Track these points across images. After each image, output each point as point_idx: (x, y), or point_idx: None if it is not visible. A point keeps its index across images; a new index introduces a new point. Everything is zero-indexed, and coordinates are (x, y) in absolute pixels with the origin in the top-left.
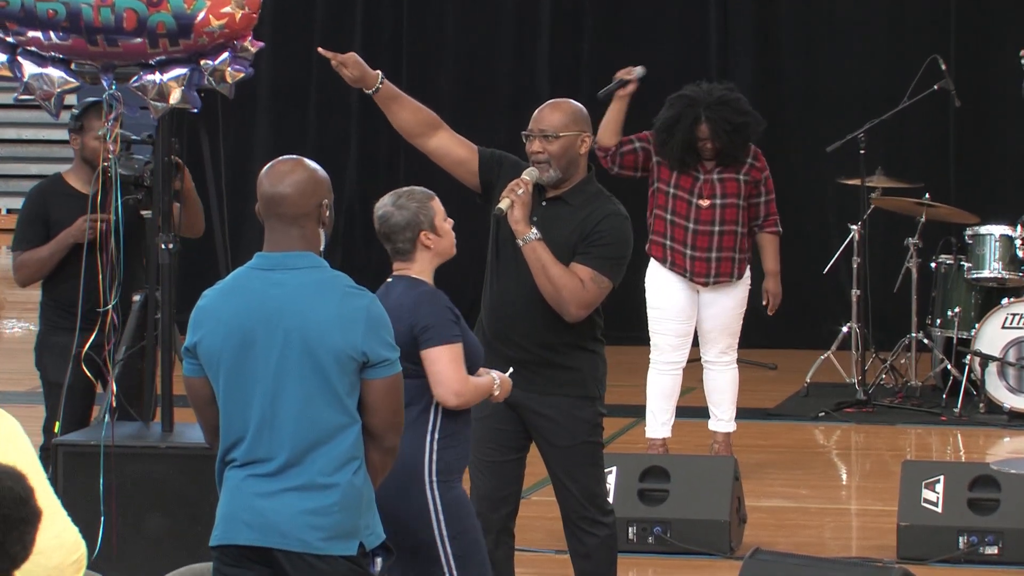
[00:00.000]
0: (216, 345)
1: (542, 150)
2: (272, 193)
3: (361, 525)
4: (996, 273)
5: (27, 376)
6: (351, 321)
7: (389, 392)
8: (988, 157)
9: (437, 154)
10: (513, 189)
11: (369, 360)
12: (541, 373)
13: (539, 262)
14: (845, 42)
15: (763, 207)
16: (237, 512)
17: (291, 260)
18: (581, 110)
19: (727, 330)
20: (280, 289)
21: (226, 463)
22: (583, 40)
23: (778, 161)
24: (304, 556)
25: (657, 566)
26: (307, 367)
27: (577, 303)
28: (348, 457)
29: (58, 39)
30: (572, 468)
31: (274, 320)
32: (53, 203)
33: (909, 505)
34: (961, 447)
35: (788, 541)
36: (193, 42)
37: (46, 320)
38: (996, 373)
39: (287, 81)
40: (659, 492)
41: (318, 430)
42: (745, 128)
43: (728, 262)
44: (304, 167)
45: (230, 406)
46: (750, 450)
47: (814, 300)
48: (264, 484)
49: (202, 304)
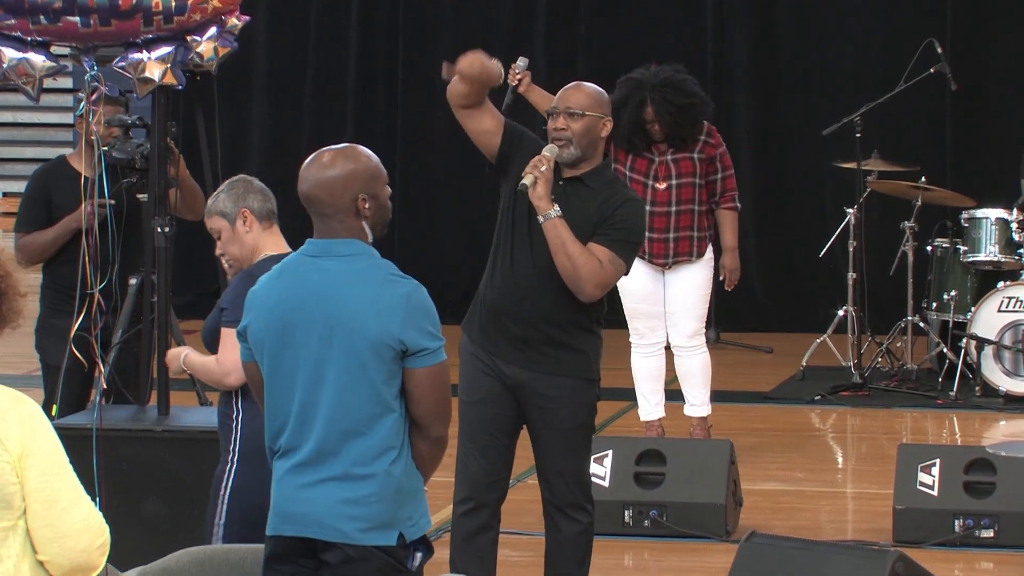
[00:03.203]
0: (260, 331)
1: (566, 127)
2: (301, 191)
3: (402, 516)
4: (992, 256)
5: (24, 359)
6: (389, 308)
7: (432, 381)
8: (984, 140)
9: (469, 121)
10: (536, 165)
11: (408, 349)
12: (546, 352)
13: (559, 239)
14: (841, 25)
15: (720, 183)
16: (281, 504)
17: (337, 247)
18: (604, 94)
19: (692, 311)
20: (322, 275)
21: (272, 452)
22: (580, 22)
23: (773, 144)
24: (342, 546)
25: (653, 549)
26: (344, 354)
27: (595, 282)
28: (385, 446)
29: (47, 22)
30: (566, 451)
31: (313, 306)
32: (56, 185)
33: (905, 488)
34: (957, 430)
35: (784, 524)
36: (187, 18)
37: (46, 303)
38: (992, 356)
39: (284, 64)
40: (655, 475)
41: (354, 419)
42: (691, 109)
43: (686, 241)
44: (337, 164)
45: (272, 393)
46: (746, 433)
47: (810, 283)
48: (303, 474)
49: (255, 288)
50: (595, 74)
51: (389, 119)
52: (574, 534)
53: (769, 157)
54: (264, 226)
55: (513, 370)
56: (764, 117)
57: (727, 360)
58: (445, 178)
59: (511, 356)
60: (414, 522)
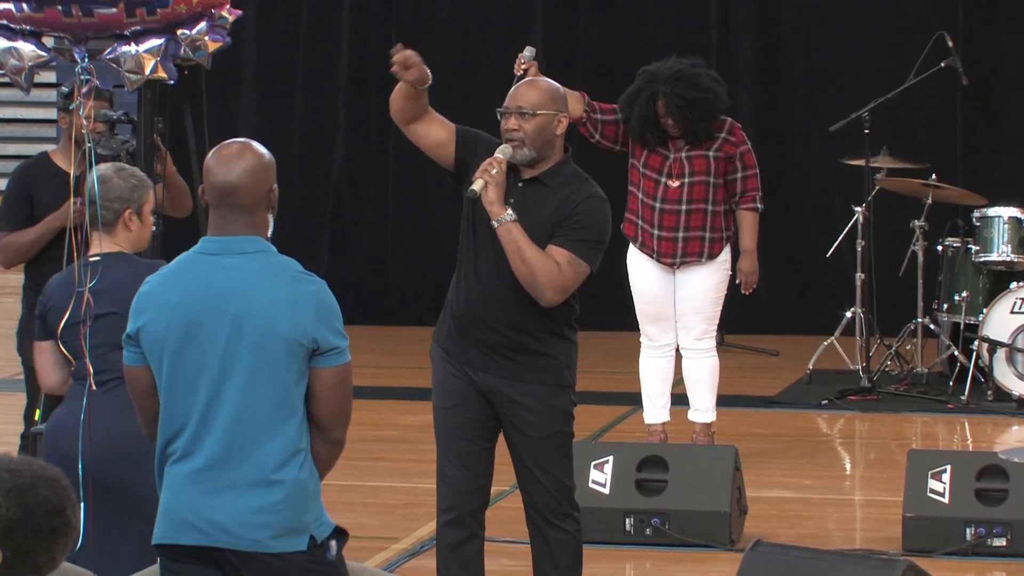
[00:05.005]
0: (160, 331)
1: (517, 127)
2: (224, 183)
3: (310, 519)
4: (1005, 256)
5: (6, 363)
6: (301, 307)
7: (338, 382)
8: (996, 137)
9: (418, 135)
10: (486, 169)
11: (319, 347)
12: (516, 359)
13: (514, 244)
14: (849, 17)
15: (740, 183)
16: (179, 511)
17: (239, 244)
18: (558, 89)
19: (701, 314)
20: (227, 273)
21: (166, 456)
22: (578, 17)
23: (779, 141)
24: (256, 555)
25: (655, 559)
26: (255, 354)
27: (553, 287)
28: (293, 450)
29: (30, 10)
30: (545, 459)
31: (221, 305)
32: (37, 182)
33: (915, 496)
34: (968, 436)
35: (790, 533)
36: (171, 11)
37: (28, 304)
38: (1004, 359)
39: (274, 59)
40: (657, 482)
41: (260, 422)
42: (702, 104)
43: (696, 242)
44: (254, 152)
45: (172, 395)
46: (751, 439)
47: (817, 284)
48: (207, 480)
49: (145, 290)
50: (595, 71)
51: (382, 115)
52: (561, 543)
53: (774, 154)
54: None
55: (483, 377)
56: (769, 113)
57: (731, 363)
58: (438, 175)
59: (481, 364)
60: (321, 521)
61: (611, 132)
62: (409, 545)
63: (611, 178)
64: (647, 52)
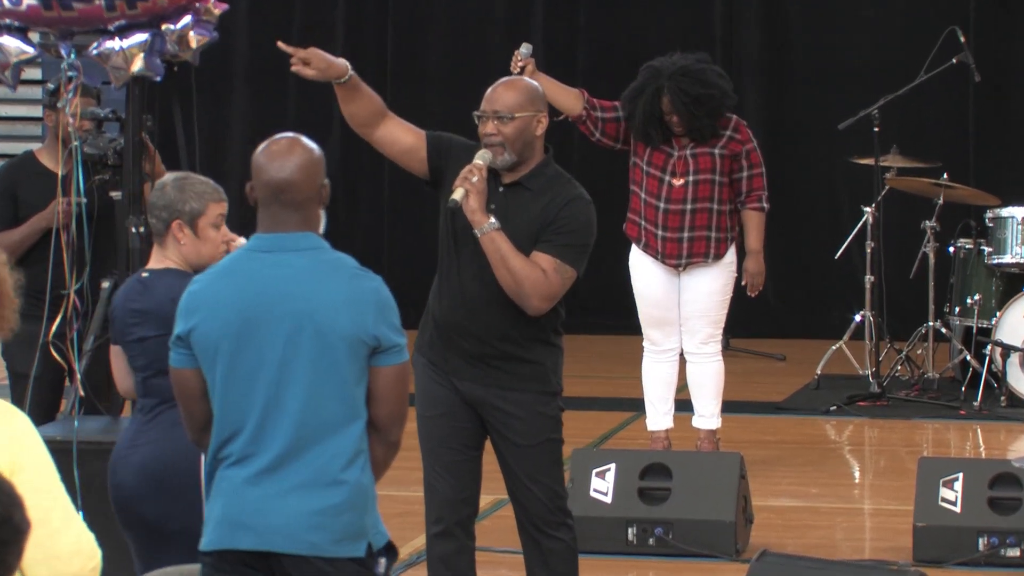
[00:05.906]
0: (214, 332)
1: (496, 132)
2: (278, 179)
3: (368, 524)
4: (1018, 258)
5: None
6: (361, 304)
7: (398, 380)
8: (1009, 135)
9: (383, 143)
10: (466, 177)
11: (381, 345)
12: (502, 368)
13: (498, 253)
14: (858, 12)
15: (746, 182)
16: (235, 514)
17: (292, 241)
18: (537, 89)
19: (706, 317)
20: (282, 271)
21: (219, 460)
22: (579, 12)
23: (786, 139)
24: (312, 560)
25: (658, 569)
26: (316, 353)
27: (540, 295)
28: (355, 452)
29: (11, 4)
30: (535, 467)
31: (278, 304)
32: (22, 181)
33: (926, 504)
34: (981, 443)
35: (797, 543)
36: (152, 4)
37: None
38: (1018, 364)
39: (266, 54)
40: (660, 491)
41: (325, 422)
42: (708, 100)
43: (702, 242)
44: (304, 147)
45: (228, 397)
46: (757, 446)
47: (825, 287)
48: (268, 482)
49: (194, 289)
50: (596, 67)
51: None
52: (556, 552)
53: (781, 153)
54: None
55: (469, 387)
56: (776, 110)
57: (737, 368)
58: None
59: (465, 373)
60: (378, 529)
61: (612, 130)
62: (405, 555)
63: (612, 178)
64: (650, 48)
